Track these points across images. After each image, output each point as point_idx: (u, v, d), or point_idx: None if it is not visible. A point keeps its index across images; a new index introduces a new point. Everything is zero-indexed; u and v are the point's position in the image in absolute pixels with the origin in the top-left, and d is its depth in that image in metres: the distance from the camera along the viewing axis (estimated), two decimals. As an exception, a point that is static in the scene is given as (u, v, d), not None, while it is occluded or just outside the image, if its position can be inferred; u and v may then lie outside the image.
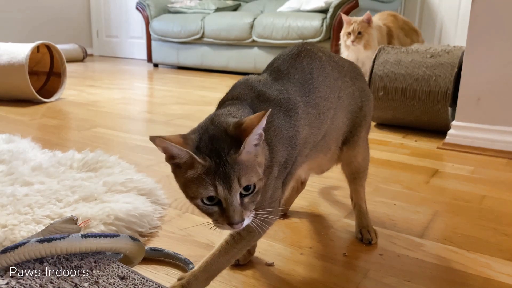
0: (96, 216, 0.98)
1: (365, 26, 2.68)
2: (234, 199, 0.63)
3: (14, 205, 1.02)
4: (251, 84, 0.79)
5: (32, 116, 2.25)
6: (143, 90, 3.38)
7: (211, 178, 0.62)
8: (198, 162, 0.62)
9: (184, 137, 0.65)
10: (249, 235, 0.75)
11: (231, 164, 0.62)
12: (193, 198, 0.64)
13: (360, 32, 2.68)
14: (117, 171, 1.29)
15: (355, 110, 0.94)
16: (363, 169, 1.01)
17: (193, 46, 4.39)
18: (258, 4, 4.67)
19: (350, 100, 0.92)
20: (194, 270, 0.75)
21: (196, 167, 0.63)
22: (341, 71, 0.91)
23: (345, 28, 2.79)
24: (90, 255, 0.77)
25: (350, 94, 0.92)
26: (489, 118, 1.74)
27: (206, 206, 0.64)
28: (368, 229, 1.01)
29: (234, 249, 0.75)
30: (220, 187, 0.62)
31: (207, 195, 0.63)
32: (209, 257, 0.75)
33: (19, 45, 2.56)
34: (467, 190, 1.33)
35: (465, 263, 0.92)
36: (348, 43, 2.76)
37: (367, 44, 2.72)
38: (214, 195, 0.63)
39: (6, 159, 1.34)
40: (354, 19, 2.70)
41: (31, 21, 5.18)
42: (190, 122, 2.14)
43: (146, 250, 0.87)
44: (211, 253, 0.76)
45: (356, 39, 2.71)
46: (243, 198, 0.64)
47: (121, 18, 5.69)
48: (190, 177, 0.63)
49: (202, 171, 0.62)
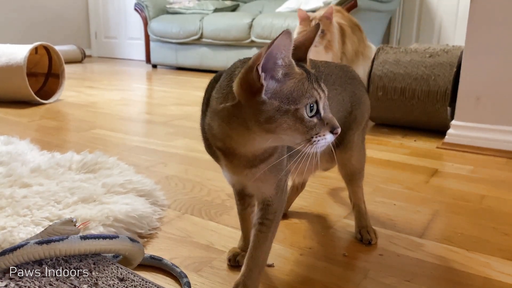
0: (95, 218, 0.98)
1: (327, 24, 2.13)
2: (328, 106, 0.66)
3: (13, 207, 1.02)
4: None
5: (30, 117, 2.24)
6: (142, 91, 3.37)
7: (312, 86, 0.63)
8: (301, 70, 0.63)
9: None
10: (275, 216, 0.78)
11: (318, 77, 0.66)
12: (295, 113, 0.62)
13: (322, 30, 2.10)
14: (116, 172, 1.29)
15: (344, 115, 0.94)
16: (358, 171, 1.01)
17: (192, 47, 4.39)
18: (257, 4, 4.67)
19: (339, 107, 0.92)
20: (244, 271, 0.77)
21: (297, 76, 0.63)
22: (328, 80, 0.90)
23: (302, 25, 2.15)
24: (89, 256, 0.77)
25: (340, 101, 0.93)
26: (489, 117, 1.74)
27: (308, 119, 0.63)
28: (367, 229, 1.01)
29: (269, 233, 0.78)
30: (321, 93, 0.64)
31: (312, 101, 0.63)
32: (252, 252, 0.77)
33: (17, 47, 2.55)
34: (466, 190, 1.33)
35: (465, 263, 0.92)
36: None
37: (329, 45, 2.14)
38: (318, 99, 0.63)
39: (4, 160, 1.34)
40: (313, 15, 2.14)
41: (29, 22, 5.18)
42: (189, 123, 2.14)
43: (146, 257, 0.87)
44: (250, 249, 0.78)
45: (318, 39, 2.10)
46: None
47: (120, 19, 5.69)
48: (290, 89, 0.62)
49: (305, 78, 0.63)
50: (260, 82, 0.61)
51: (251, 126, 0.64)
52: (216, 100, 0.68)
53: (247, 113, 0.63)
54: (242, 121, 0.64)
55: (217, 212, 1.14)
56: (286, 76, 0.62)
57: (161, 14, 4.72)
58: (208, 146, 0.77)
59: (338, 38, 2.21)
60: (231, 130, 0.67)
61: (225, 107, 0.66)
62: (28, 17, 5.16)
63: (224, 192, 1.27)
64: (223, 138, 0.69)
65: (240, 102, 0.63)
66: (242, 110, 0.64)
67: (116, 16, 5.72)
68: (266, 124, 0.62)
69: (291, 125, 0.62)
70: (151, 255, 0.88)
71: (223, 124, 0.67)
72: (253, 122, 0.63)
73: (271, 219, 0.78)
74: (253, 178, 0.73)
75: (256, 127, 0.63)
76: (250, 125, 0.64)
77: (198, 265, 0.89)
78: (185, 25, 4.32)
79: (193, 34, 4.28)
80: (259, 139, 0.65)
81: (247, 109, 0.63)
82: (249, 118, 0.63)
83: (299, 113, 0.62)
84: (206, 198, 1.23)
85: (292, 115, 0.62)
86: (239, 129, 0.66)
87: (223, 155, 0.72)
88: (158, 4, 4.75)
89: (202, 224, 1.08)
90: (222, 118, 0.67)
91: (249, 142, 0.67)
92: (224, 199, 1.22)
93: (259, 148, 0.69)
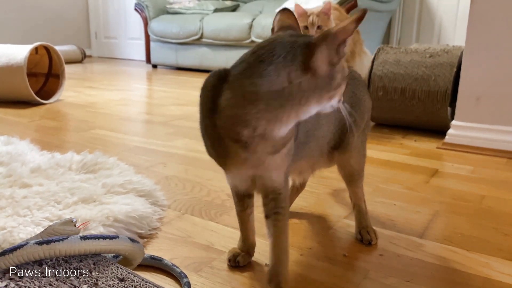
0: (95, 218, 0.98)
1: (325, 19, 2.10)
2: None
3: (13, 207, 1.02)
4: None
5: (30, 117, 2.24)
6: (142, 91, 3.37)
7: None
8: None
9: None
10: (286, 203, 0.81)
11: None
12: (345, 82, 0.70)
13: (319, 26, 2.08)
14: (116, 172, 1.29)
15: (342, 117, 0.94)
16: (357, 171, 1.01)
17: (192, 47, 4.39)
18: (257, 4, 4.67)
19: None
20: (274, 261, 0.79)
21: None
22: None
23: (299, 21, 2.12)
24: (89, 257, 0.77)
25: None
26: (489, 117, 1.74)
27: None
28: (368, 229, 1.01)
29: (286, 220, 0.80)
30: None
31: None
32: (275, 241, 0.79)
33: (17, 47, 2.55)
34: (467, 190, 1.33)
35: (465, 263, 0.92)
36: None
37: None
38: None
39: (4, 161, 1.34)
40: (311, 10, 2.12)
41: (29, 23, 5.18)
42: (189, 123, 2.14)
43: (146, 258, 0.87)
44: (273, 239, 0.79)
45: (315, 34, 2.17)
46: None
47: (120, 19, 5.69)
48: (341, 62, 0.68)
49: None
50: (344, 53, 0.65)
51: (318, 95, 0.67)
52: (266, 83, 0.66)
53: (319, 83, 0.66)
54: (307, 95, 0.66)
55: (217, 212, 1.14)
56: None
57: (161, 14, 4.72)
58: (215, 145, 0.74)
59: None
60: (282, 110, 0.66)
61: (292, 84, 0.65)
62: (29, 17, 5.16)
63: (224, 193, 1.27)
64: (258, 125, 0.67)
65: (313, 74, 0.65)
66: (312, 82, 0.65)
67: (116, 16, 5.72)
68: (334, 90, 0.68)
69: (343, 88, 0.70)
70: (151, 255, 0.88)
71: (271, 107, 0.66)
72: (325, 90, 0.67)
73: (284, 206, 0.80)
74: (270, 166, 0.74)
75: (325, 95, 0.67)
76: (317, 95, 0.66)
77: (198, 265, 0.89)
78: (185, 25, 4.32)
79: (193, 34, 4.28)
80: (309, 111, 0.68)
81: (320, 79, 0.66)
82: (321, 87, 0.66)
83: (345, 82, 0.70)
84: (206, 198, 1.23)
85: (346, 80, 0.70)
86: (294, 105, 0.66)
87: (243, 148, 0.70)
88: (158, 4, 4.75)
89: (202, 224, 1.08)
90: (276, 99, 0.66)
91: (293, 119, 0.68)
92: (224, 199, 1.22)
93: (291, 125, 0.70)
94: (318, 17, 2.08)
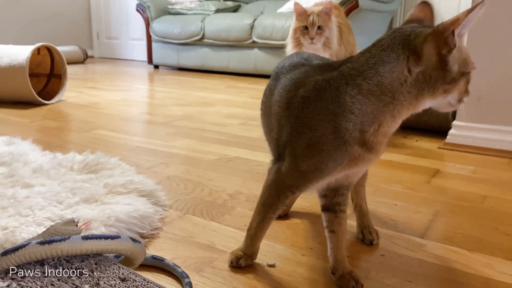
0: (96, 218, 0.98)
1: (326, 19, 1.97)
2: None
3: (15, 207, 1.02)
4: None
5: (32, 118, 2.25)
6: (144, 92, 3.38)
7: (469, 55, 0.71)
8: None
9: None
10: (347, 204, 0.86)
11: None
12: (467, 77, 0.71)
13: (320, 26, 1.95)
14: (118, 172, 1.29)
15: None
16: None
17: (193, 47, 4.39)
18: (258, 5, 4.68)
19: None
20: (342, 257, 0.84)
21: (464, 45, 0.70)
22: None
23: (298, 21, 1.97)
24: (91, 256, 0.77)
25: None
26: (490, 117, 1.74)
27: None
28: (369, 229, 1.01)
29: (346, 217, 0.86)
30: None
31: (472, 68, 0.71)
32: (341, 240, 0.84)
33: (19, 47, 2.56)
34: (468, 190, 1.33)
35: (467, 263, 0.92)
36: (305, 41, 1.94)
37: (327, 43, 1.96)
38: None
39: (6, 161, 1.34)
40: (311, 10, 1.98)
41: (31, 23, 5.19)
42: (191, 123, 2.14)
43: (147, 258, 0.87)
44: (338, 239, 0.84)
45: (316, 35, 1.93)
46: None
47: (121, 20, 5.70)
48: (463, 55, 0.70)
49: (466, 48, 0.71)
50: (453, 44, 0.66)
51: (432, 88, 0.68)
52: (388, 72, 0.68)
53: (433, 76, 0.67)
54: (421, 87, 0.68)
55: (219, 212, 1.14)
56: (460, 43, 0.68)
57: (162, 14, 4.73)
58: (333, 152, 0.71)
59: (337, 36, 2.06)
60: (401, 102, 0.69)
61: (408, 75, 0.67)
62: (30, 18, 5.18)
63: (226, 193, 1.27)
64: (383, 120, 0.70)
65: (427, 66, 0.67)
66: (427, 74, 0.67)
67: (118, 16, 5.73)
68: (448, 84, 0.68)
69: (462, 86, 0.70)
70: (153, 255, 0.89)
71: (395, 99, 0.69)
72: (438, 83, 0.68)
73: (347, 203, 0.84)
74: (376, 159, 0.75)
75: (438, 89, 0.68)
76: (430, 88, 0.68)
77: (200, 265, 0.89)
78: (187, 26, 4.33)
79: (195, 35, 4.29)
80: (428, 103, 0.70)
81: (433, 72, 0.67)
82: (435, 80, 0.67)
83: (469, 77, 0.71)
84: (207, 199, 1.23)
85: (466, 77, 0.70)
86: (412, 98, 0.69)
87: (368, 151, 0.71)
88: (160, 4, 4.76)
89: (203, 224, 1.08)
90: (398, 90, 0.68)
91: (409, 112, 0.71)
92: (226, 199, 1.22)
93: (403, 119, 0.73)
94: (318, 16, 1.98)
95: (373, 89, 0.69)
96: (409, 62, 0.67)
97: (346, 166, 0.73)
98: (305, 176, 0.75)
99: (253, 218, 0.86)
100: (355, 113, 0.69)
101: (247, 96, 3.08)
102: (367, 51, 0.71)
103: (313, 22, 1.94)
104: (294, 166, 0.75)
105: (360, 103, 0.69)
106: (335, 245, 0.84)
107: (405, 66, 0.67)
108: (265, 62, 3.93)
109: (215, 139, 1.88)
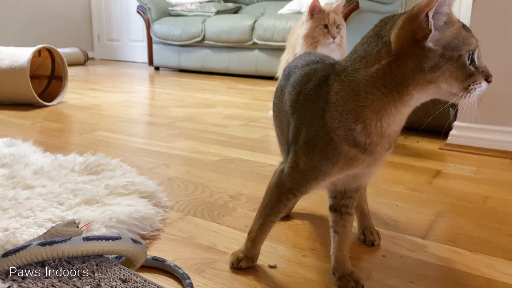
0: (97, 219, 0.98)
1: (340, 18, 1.91)
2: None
3: (16, 209, 1.02)
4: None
5: (33, 119, 2.25)
6: (145, 93, 3.38)
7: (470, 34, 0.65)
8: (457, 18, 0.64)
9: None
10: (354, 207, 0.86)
11: None
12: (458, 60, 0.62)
13: (338, 25, 1.88)
14: (119, 174, 1.29)
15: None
16: None
17: (194, 49, 4.40)
18: (259, 6, 4.68)
19: None
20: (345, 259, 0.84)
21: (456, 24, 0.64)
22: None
23: (316, 19, 1.86)
24: (92, 258, 0.77)
25: None
26: (491, 118, 1.74)
27: (468, 66, 0.63)
28: (370, 230, 1.01)
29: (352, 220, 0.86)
30: (477, 42, 0.64)
31: (471, 49, 0.63)
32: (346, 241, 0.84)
33: (20, 49, 2.56)
34: (470, 191, 1.33)
35: (469, 264, 0.91)
36: (326, 40, 1.86)
37: (341, 42, 1.92)
38: (475, 47, 0.64)
39: (7, 162, 1.34)
40: (327, 8, 1.88)
41: (32, 25, 5.20)
42: (192, 125, 2.14)
43: (148, 259, 0.87)
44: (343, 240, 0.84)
45: (336, 34, 1.87)
46: None
47: (122, 22, 5.71)
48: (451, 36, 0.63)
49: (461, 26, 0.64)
50: (428, 28, 0.60)
51: (411, 79, 0.62)
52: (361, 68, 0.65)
53: (408, 65, 0.62)
54: (398, 79, 0.63)
55: (220, 214, 1.14)
56: (446, 23, 0.63)
57: (163, 16, 4.73)
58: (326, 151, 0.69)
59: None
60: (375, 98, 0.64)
61: (380, 67, 0.63)
62: (32, 20, 5.19)
63: (227, 194, 1.27)
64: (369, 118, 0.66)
65: (399, 55, 0.62)
66: (401, 64, 0.62)
67: (119, 18, 5.74)
68: (429, 73, 0.61)
69: (453, 72, 0.62)
70: (154, 257, 0.88)
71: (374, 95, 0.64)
72: (416, 73, 0.62)
73: (355, 206, 0.84)
74: (381, 163, 0.73)
75: (418, 79, 0.62)
76: (410, 79, 0.62)
77: (201, 266, 0.89)
78: (187, 27, 4.34)
79: (195, 36, 4.29)
80: (416, 96, 0.64)
81: (407, 60, 0.62)
82: (411, 70, 0.62)
83: (462, 60, 0.62)
84: (208, 200, 1.23)
85: (456, 61, 0.62)
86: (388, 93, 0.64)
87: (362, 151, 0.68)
88: (161, 6, 4.76)
89: (204, 225, 1.08)
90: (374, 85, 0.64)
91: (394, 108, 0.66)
92: (227, 201, 1.22)
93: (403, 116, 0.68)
94: (336, 15, 1.91)
95: (353, 85, 0.66)
96: (381, 53, 0.64)
97: (344, 166, 0.71)
98: (304, 175, 0.74)
99: (255, 221, 0.86)
100: (338, 110, 0.67)
101: (247, 97, 3.08)
102: (355, 46, 0.69)
103: (334, 20, 1.88)
104: (294, 165, 0.75)
105: (342, 100, 0.67)
106: (337, 246, 0.84)
107: (377, 59, 0.64)
108: (265, 63, 3.94)
109: (216, 140, 1.88)
